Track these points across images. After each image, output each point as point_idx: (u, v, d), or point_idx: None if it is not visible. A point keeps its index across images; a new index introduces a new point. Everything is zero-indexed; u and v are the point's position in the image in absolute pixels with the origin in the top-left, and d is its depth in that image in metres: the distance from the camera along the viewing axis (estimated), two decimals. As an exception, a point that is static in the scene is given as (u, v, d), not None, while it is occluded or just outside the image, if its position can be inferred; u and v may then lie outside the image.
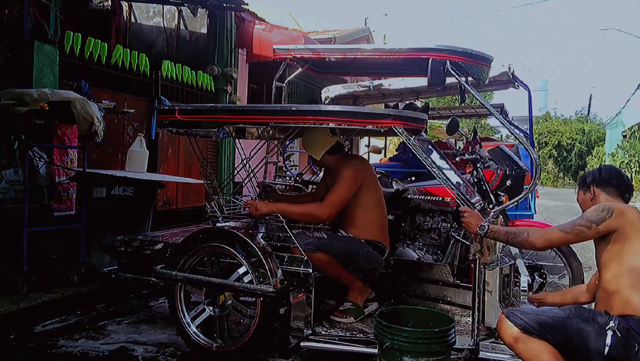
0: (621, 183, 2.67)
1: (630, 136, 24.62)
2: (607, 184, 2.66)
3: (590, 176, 2.74)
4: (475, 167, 4.23)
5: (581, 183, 2.78)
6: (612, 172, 2.71)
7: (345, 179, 3.51)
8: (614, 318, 2.35)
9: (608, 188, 2.66)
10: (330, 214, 3.48)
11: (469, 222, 2.82)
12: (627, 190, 2.68)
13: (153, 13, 9.04)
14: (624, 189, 2.66)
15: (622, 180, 2.68)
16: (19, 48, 4.96)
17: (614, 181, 2.66)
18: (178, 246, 3.61)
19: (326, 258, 3.38)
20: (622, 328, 2.31)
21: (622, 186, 2.66)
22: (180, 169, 7.43)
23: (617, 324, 2.32)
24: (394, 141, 11.68)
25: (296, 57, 4.12)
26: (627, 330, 2.31)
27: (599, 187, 2.68)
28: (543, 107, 47.16)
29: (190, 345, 3.50)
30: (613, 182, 2.66)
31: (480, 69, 3.40)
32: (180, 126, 3.55)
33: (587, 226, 2.49)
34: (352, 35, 12.84)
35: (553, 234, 2.57)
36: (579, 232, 2.51)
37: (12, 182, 4.78)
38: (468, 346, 3.01)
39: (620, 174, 2.72)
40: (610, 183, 2.66)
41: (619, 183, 2.66)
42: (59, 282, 4.69)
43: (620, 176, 2.70)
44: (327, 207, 3.48)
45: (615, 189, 2.65)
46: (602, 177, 2.68)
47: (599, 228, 2.47)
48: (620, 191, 2.66)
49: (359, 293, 3.60)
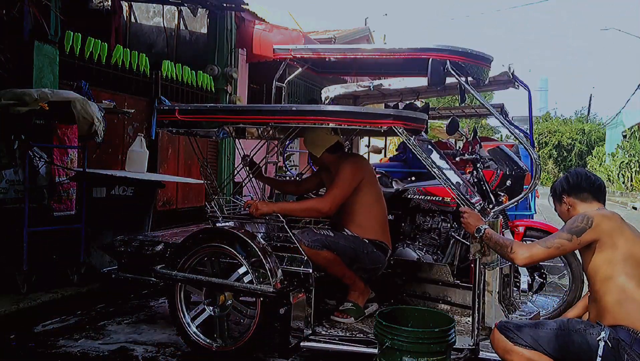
0: (591, 184, 2.59)
1: (630, 136, 24.63)
2: (577, 190, 2.60)
3: (559, 186, 2.67)
4: (475, 167, 4.22)
5: (553, 195, 2.73)
6: (579, 176, 2.63)
7: (345, 174, 3.53)
8: (605, 329, 2.33)
9: (580, 193, 2.59)
10: (332, 207, 3.49)
11: (468, 222, 2.83)
12: (599, 191, 2.60)
13: (153, 13, 9.04)
14: (596, 191, 2.59)
15: (591, 181, 2.60)
16: (19, 48, 4.96)
17: (584, 185, 2.59)
18: (178, 246, 3.61)
19: (332, 256, 3.38)
20: (612, 338, 2.30)
21: (592, 188, 2.59)
22: (180, 169, 7.43)
23: (607, 335, 2.30)
24: (394, 141, 11.67)
25: (296, 57, 4.11)
26: (617, 341, 2.29)
27: (571, 195, 2.61)
28: (543, 107, 47.20)
29: (190, 345, 3.50)
30: (583, 186, 2.59)
31: (480, 69, 3.40)
32: (180, 126, 3.55)
33: (568, 239, 2.44)
34: (352, 35, 12.84)
35: (535, 250, 2.50)
36: (559, 245, 2.45)
37: (12, 182, 4.78)
38: (468, 346, 3.01)
39: (587, 176, 2.63)
40: (581, 188, 2.59)
41: (589, 185, 2.59)
42: (59, 282, 4.70)
43: (588, 178, 2.62)
44: (329, 200, 3.50)
45: (588, 193, 2.58)
46: (570, 184, 2.62)
47: (580, 240, 2.42)
48: (593, 194, 2.58)
49: (360, 293, 3.60)
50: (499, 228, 3.18)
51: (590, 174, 2.65)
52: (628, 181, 23.09)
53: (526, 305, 3.58)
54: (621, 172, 23.79)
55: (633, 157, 23.15)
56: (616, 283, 2.37)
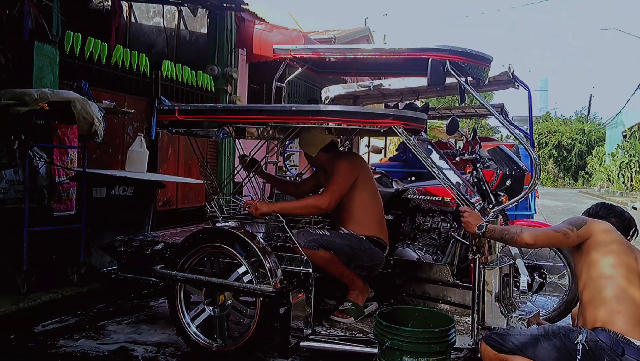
0: (613, 216, 2.71)
1: (630, 136, 24.62)
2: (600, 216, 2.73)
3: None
4: (475, 167, 4.22)
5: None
6: (605, 209, 2.77)
7: (341, 170, 3.55)
8: (584, 332, 2.35)
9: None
10: (330, 203, 3.50)
11: (468, 222, 2.83)
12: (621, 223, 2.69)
13: (153, 13, 9.04)
14: (617, 222, 2.68)
15: (617, 215, 2.73)
16: (19, 48, 4.96)
17: (605, 215, 2.72)
18: (178, 246, 3.61)
19: (329, 255, 3.38)
20: (590, 340, 2.31)
21: (613, 218, 2.69)
22: (180, 169, 7.43)
23: (585, 337, 2.32)
24: (394, 141, 11.67)
25: (296, 57, 4.12)
26: (595, 342, 2.30)
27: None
28: (543, 107, 47.20)
29: (190, 345, 3.50)
30: (602, 215, 2.72)
31: (480, 69, 3.40)
32: (180, 126, 3.56)
33: (570, 229, 2.54)
34: (352, 35, 12.84)
35: (542, 231, 2.65)
36: (565, 232, 2.54)
37: (12, 182, 4.79)
38: (468, 346, 3.01)
39: (614, 210, 2.76)
40: (600, 217, 2.70)
41: (615, 217, 2.71)
42: (59, 282, 4.69)
43: (615, 212, 2.74)
44: (327, 196, 3.51)
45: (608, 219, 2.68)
46: (591, 213, 2.78)
47: (578, 232, 2.51)
48: (614, 224, 2.63)
49: (359, 292, 3.60)
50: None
51: (617, 208, 2.77)
52: (628, 181, 23.08)
53: (526, 305, 3.57)
54: (621, 172, 23.78)
55: (633, 157, 23.13)
56: (596, 285, 2.40)
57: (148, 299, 4.81)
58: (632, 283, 2.37)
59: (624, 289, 2.35)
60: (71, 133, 5.29)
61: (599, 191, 25.60)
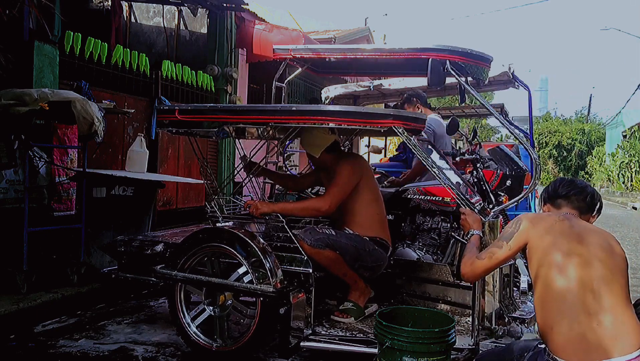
0: (569, 191, 2.32)
1: (630, 136, 24.64)
2: (551, 195, 2.36)
3: (542, 193, 2.43)
4: (475, 167, 4.23)
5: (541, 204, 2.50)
6: (562, 184, 2.37)
7: (344, 172, 3.54)
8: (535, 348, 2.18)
9: (552, 197, 2.35)
10: (331, 205, 3.49)
11: (465, 223, 2.79)
12: (580, 199, 2.30)
13: (153, 13, 9.04)
14: (571, 193, 2.31)
15: (577, 189, 2.32)
16: (19, 48, 4.96)
17: (564, 192, 2.33)
18: (178, 246, 3.61)
19: (334, 255, 3.38)
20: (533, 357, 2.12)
21: (571, 196, 2.31)
22: (180, 169, 7.43)
23: (530, 355, 2.16)
24: (394, 141, 11.67)
25: (296, 57, 4.12)
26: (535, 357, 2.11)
27: (547, 202, 2.38)
28: (543, 107, 47.21)
29: (190, 345, 3.50)
30: (561, 193, 2.33)
31: (480, 69, 3.40)
32: (180, 126, 3.55)
33: (499, 246, 2.24)
34: (352, 35, 12.83)
35: (476, 264, 2.32)
36: (491, 255, 2.26)
37: (12, 182, 4.79)
38: (468, 346, 3.01)
39: (571, 183, 2.35)
40: (558, 195, 2.34)
41: (574, 193, 2.31)
42: (59, 282, 4.69)
43: (573, 186, 2.33)
44: (328, 199, 3.50)
45: (560, 196, 2.33)
46: (549, 193, 2.38)
47: (510, 245, 2.20)
48: (566, 197, 2.32)
49: (360, 293, 3.60)
50: (498, 228, 3.17)
51: (576, 180, 2.40)
52: (628, 181, 23.09)
53: (526, 305, 3.58)
54: (621, 172, 23.80)
55: (633, 157, 23.15)
56: (544, 300, 2.09)
57: (148, 300, 4.81)
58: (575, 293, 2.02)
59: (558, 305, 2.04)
60: (71, 133, 5.29)
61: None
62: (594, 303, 1.98)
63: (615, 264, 2.07)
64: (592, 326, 1.95)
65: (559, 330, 2.00)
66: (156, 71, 6.99)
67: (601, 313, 1.96)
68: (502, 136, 32.70)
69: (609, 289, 2.00)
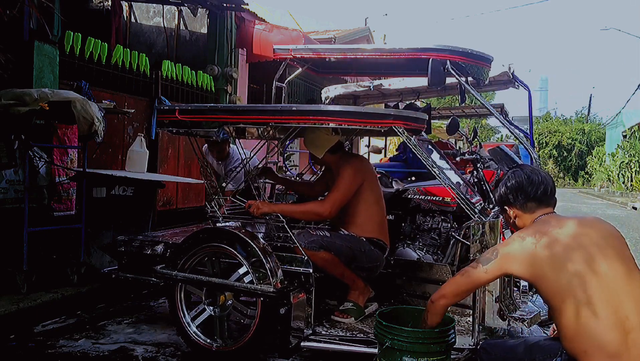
0: (535, 191, 2.27)
1: (630, 136, 24.62)
2: (521, 200, 2.30)
3: (500, 197, 2.37)
4: (475, 167, 4.23)
5: (497, 205, 2.47)
6: (520, 182, 2.30)
7: (346, 177, 3.53)
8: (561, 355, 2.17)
9: (525, 204, 2.29)
10: (332, 211, 3.49)
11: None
12: (545, 194, 2.27)
13: (153, 13, 9.04)
14: (542, 197, 2.27)
15: (535, 186, 2.27)
16: (19, 48, 4.96)
17: (528, 192, 2.28)
18: (178, 246, 3.61)
19: (329, 256, 3.38)
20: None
21: (537, 195, 2.27)
22: (180, 169, 7.43)
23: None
24: (394, 141, 11.68)
25: (296, 57, 4.12)
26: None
27: (515, 206, 2.33)
28: (543, 107, 47.21)
29: (190, 345, 3.50)
30: (527, 193, 2.28)
31: (480, 69, 3.40)
32: (181, 126, 3.55)
33: (474, 266, 2.25)
34: (352, 35, 12.83)
35: (448, 288, 2.34)
36: (464, 272, 2.28)
37: (12, 182, 4.78)
38: (468, 346, 3.01)
39: (530, 180, 2.29)
40: (525, 197, 2.28)
41: (534, 192, 2.27)
42: (59, 282, 4.69)
43: (531, 182, 2.28)
44: (329, 204, 3.49)
45: (533, 202, 2.27)
46: (513, 195, 2.31)
47: (487, 268, 2.20)
48: (539, 201, 2.27)
49: (360, 293, 3.60)
50: (499, 228, 3.17)
51: (533, 176, 2.31)
52: (628, 181, 23.07)
53: (526, 305, 3.57)
54: (621, 172, 23.78)
55: (633, 157, 23.13)
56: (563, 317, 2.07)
57: (148, 300, 4.81)
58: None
59: None
60: (71, 133, 5.28)
61: (599, 191, 25.61)
62: (627, 321, 1.97)
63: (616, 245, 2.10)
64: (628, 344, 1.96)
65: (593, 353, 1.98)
66: (156, 71, 6.99)
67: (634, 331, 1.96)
68: (502, 136, 32.71)
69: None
